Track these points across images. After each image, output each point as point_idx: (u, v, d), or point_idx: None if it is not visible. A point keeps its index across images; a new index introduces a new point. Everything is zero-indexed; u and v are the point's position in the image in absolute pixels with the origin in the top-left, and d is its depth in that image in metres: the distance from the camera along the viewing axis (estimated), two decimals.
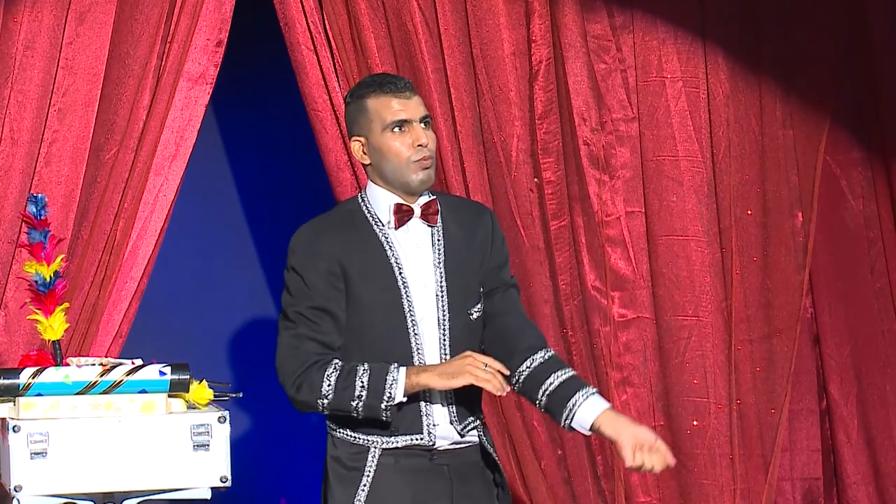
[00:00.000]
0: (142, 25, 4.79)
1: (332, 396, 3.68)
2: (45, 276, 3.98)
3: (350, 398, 3.67)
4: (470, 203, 4.20)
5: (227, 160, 5.68)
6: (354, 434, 3.76)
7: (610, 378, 5.12)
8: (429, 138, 3.79)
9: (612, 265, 5.16)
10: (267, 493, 5.59)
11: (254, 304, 5.66)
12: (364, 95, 3.81)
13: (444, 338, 3.78)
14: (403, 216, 3.79)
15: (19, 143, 4.70)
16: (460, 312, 3.81)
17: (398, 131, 3.77)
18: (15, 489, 3.74)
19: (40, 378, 3.84)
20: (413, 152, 3.76)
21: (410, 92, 3.82)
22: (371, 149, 3.80)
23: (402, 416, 3.73)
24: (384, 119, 3.77)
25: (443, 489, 3.77)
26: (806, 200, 5.28)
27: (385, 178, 3.81)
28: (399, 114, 3.77)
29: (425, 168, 3.77)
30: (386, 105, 3.78)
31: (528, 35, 5.08)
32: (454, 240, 3.83)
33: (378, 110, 3.78)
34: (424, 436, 3.74)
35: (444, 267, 3.79)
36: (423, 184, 3.79)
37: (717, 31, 5.22)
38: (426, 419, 3.75)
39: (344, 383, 3.67)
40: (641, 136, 5.19)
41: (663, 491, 5.18)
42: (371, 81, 3.87)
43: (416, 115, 3.79)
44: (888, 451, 5.35)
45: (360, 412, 3.68)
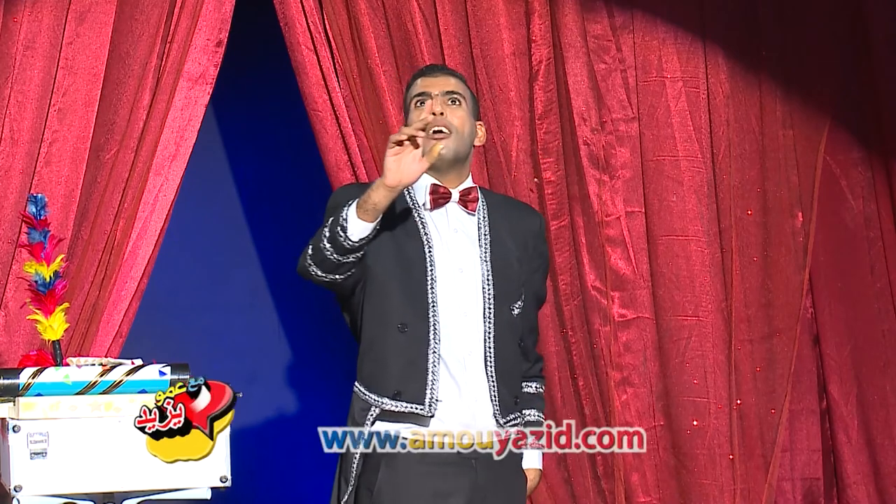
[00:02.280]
0: (142, 25, 4.79)
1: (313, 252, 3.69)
2: (45, 276, 3.98)
3: (319, 241, 3.67)
4: (520, 203, 4.25)
5: (227, 160, 5.68)
6: (362, 389, 3.78)
7: (610, 378, 5.12)
8: (451, 112, 3.81)
9: (612, 265, 5.16)
10: (267, 493, 5.60)
11: (254, 304, 5.67)
12: (408, 86, 3.94)
13: (490, 329, 3.80)
14: (440, 198, 3.82)
15: (19, 143, 4.70)
16: (503, 307, 3.83)
17: (419, 105, 3.85)
18: (15, 489, 3.74)
19: (40, 378, 3.84)
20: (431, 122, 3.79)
21: (444, 73, 3.92)
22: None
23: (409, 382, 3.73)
24: (410, 97, 3.89)
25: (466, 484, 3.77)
26: (806, 200, 5.28)
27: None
28: (419, 89, 3.87)
29: (436, 139, 3.77)
30: (414, 85, 3.90)
31: (528, 35, 5.08)
32: (500, 234, 3.85)
33: (409, 93, 3.90)
34: (425, 407, 3.74)
35: (491, 260, 3.81)
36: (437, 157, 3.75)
37: (717, 31, 5.22)
38: (430, 392, 3.75)
39: (317, 235, 3.69)
40: (641, 136, 5.19)
41: (663, 491, 5.18)
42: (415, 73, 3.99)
43: (437, 89, 3.85)
44: (888, 451, 5.35)
45: (331, 251, 3.65)
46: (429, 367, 3.75)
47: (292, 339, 5.67)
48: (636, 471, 5.15)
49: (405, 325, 3.76)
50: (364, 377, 3.80)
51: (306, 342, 5.66)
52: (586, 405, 5.10)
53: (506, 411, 3.81)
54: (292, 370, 5.66)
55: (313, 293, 5.63)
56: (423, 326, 3.76)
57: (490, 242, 3.84)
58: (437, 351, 3.75)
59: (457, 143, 3.82)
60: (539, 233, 3.96)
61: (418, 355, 3.75)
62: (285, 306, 5.70)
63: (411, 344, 3.75)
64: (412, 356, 3.75)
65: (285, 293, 5.71)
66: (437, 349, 3.75)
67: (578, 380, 5.10)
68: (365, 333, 3.81)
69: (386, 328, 3.77)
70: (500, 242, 3.85)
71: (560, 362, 5.09)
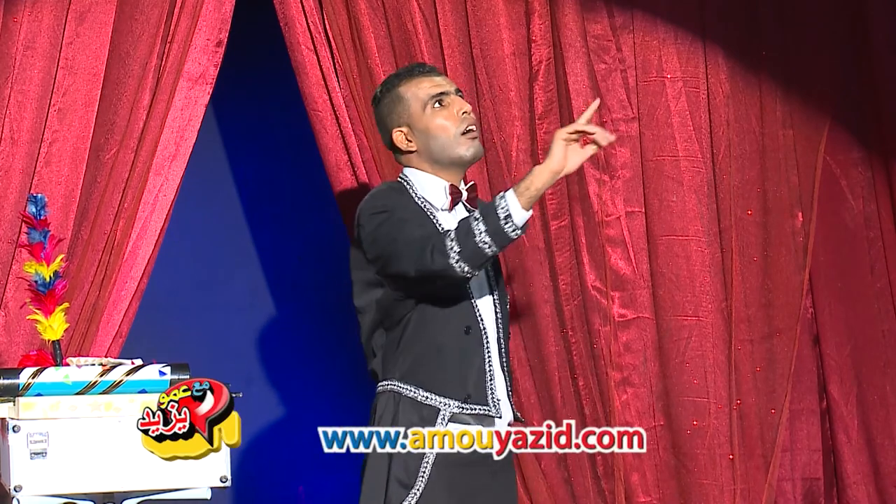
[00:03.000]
0: (142, 25, 4.78)
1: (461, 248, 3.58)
2: (44, 276, 3.98)
3: (470, 238, 3.57)
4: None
5: (227, 160, 5.68)
6: (424, 394, 3.76)
7: (610, 378, 5.12)
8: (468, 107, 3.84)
9: (612, 265, 5.16)
10: (267, 493, 5.59)
11: (254, 304, 5.66)
12: (395, 86, 3.88)
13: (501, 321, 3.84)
14: (456, 198, 3.82)
15: (19, 143, 4.69)
16: (504, 299, 3.89)
17: (439, 106, 3.82)
18: (15, 489, 3.74)
19: (40, 378, 3.84)
20: (458, 124, 3.80)
21: (436, 73, 3.90)
22: (417, 133, 3.84)
23: (476, 387, 3.75)
24: (422, 98, 3.83)
25: (487, 483, 3.79)
26: (806, 200, 5.28)
27: (433, 159, 3.84)
28: (435, 88, 3.84)
29: (473, 139, 3.80)
30: (419, 85, 3.85)
31: (528, 35, 5.08)
32: None
33: (414, 92, 3.84)
34: (491, 407, 3.77)
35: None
36: (474, 157, 3.83)
37: (717, 31, 5.22)
38: (490, 392, 3.78)
39: (464, 231, 3.59)
40: (641, 136, 5.19)
41: (663, 491, 5.18)
42: (397, 73, 3.95)
43: (450, 88, 3.85)
44: (888, 451, 5.35)
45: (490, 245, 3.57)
46: (484, 367, 3.78)
47: (292, 339, 5.67)
48: (636, 471, 5.15)
49: (470, 327, 3.77)
50: (424, 381, 3.76)
51: (306, 342, 5.66)
52: (586, 405, 5.09)
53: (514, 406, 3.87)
54: (292, 370, 5.66)
55: (313, 293, 5.64)
56: (476, 328, 3.78)
57: None
58: (490, 352, 3.77)
59: (480, 139, 3.87)
60: None
61: (480, 357, 3.78)
62: (285, 306, 5.70)
63: (476, 346, 3.77)
64: (478, 359, 3.78)
65: (285, 293, 5.70)
66: (489, 349, 3.78)
67: (578, 380, 5.10)
68: (425, 336, 3.78)
69: (451, 331, 3.77)
70: None
71: (560, 362, 5.09)
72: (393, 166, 4.88)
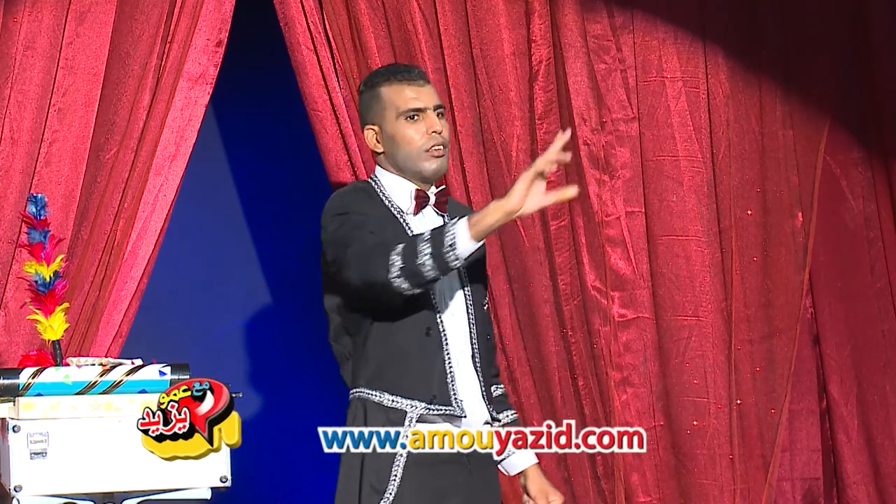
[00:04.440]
0: (142, 25, 4.79)
1: (403, 265, 3.58)
2: (44, 276, 3.98)
3: (414, 258, 3.57)
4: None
5: (227, 160, 5.68)
6: (389, 397, 3.77)
7: (610, 378, 5.12)
8: (443, 126, 3.81)
9: (612, 265, 5.16)
10: (267, 493, 5.60)
11: (254, 304, 5.67)
12: (377, 84, 3.86)
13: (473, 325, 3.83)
14: (421, 202, 3.81)
15: (19, 143, 4.70)
16: (478, 303, 3.87)
17: (412, 119, 3.80)
18: (15, 489, 3.74)
19: (40, 378, 3.84)
20: (426, 140, 3.80)
21: (423, 80, 3.86)
22: (385, 137, 3.84)
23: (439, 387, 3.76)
24: (398, 107, 3.81)
25: (461, 482, 3.78)
26: (806, 200, 5.28)
27: (398, 166, 3.85)
28: (413, 101, 3.81)
29: (437, 157, 3.81)
30: (399, 93, 3.82)
31: (528, 35, 5.08)
32: None
33: (392, 98, 3.82)
34: (454, 407, 3.77)
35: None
36: (435, 173, 3.83)
37: (717, 31, 5.22)
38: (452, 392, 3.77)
39: (410, 250, 3.59)
40: (641, 136, 5.19)
41: (663, 491, 5.18)
42: (384, 70, 3.92)
43: (429, 103, 3.83)
44: (888, 451, 5.35)
45: (431, 269, 3.57)
46: (446, 368, 3.78)
47: (292, 339, 5.67)
48: (636, 471, 5.15)
49: (430, 328, 3.77)
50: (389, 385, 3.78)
51: (306, 342, 5.65)
52: (586, 405, 5.10)
53: (491, 406, 3.84)
54: (292, 370, 5.66)
55: (313, 293, 5.63)
56: (437, 330, 3.78)
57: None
58: (450, 352, 3.77)
59: (447, 157, 3.85)
60: None
61: (440, 358, 3.77)
62: (285, 306, 5.70)
63: (436, 348, 3.77)
64: (439, 360, 3.77)
65: (285, 293, 5.71)
66: (449, 350, 3.77)
67: (578, 380, 5.10)
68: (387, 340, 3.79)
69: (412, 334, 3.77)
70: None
71: (560, 362, 5.09)
72: None
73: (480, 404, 3.84)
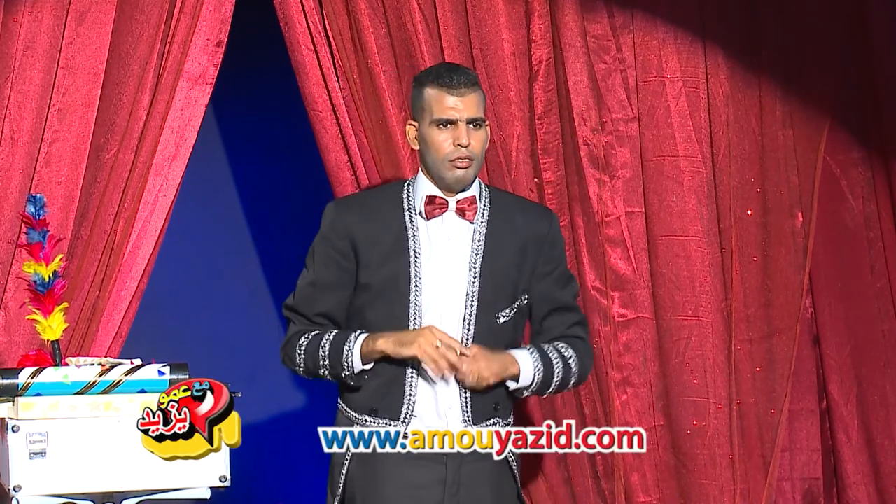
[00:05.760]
0: (142, 25, 4.79)
1: (305, 366, 3.86)
2: (43, 276, 3.98)
3: (318, 367, 3.82)
4: (533, 205, 4.25)
5: (227, 160, 5.68)
6: (345, 407, 3.88)
7: (610, 378, 5.12)
8: (475, 139, 3.84)
9: (612, 265, 5.16)
10: (266, 493, 5.60)
11: (254, 304, 5.66)
12: (424, 83, 3.91)
13: (468, 337, 3.80)
14: (436, 208, 3.84)
15: (19, 143, 4.70)
16: (488, 315, 3.83)
17: (444, 127, 3.84)
18: (14, 489, 3.75)
19: (39, 378, 3.84)
20: (452, 150, 3.83)
21: (468, 88, 3.88)
22: (420, 136, 3.89)
23: (385, 399, 3.77)
24: (433, 112, 3.86)
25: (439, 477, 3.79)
26: (806, 200, 5.27)
27: (426, 168, 3.90)
28: (448, 112, 3.85)
29: (461, 168, 3.84)
30: (439, 99, 3.86)
31: (528, 35, 5.08)
32: (497, 240, 3.85)
33: (431, 102, 3.87)
34: (398, 424, 3.77)
35: (480, 267, 3.81)
36: (457, 182, 3.85)
37: (717, 31, 5.22)
38: (406, 408, 3.78)
39: (312, 354, 3.82)
40: (641, 136, 5.19)
41: (663, 491, 5.18)
42: (434, 70, 3.96)
43: (465, 116, 3.84)
44: (888, 451, 5.34)
45: (326, 367, 3.82)
46: (406, 382, 3.79)
47: None
48: (636, 471, 5.15)
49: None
50: (344, 394, 3.90)
51: None
52: (586, 405, 5.09)
53: (478, 418, 3.83)
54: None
55: None
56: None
57: (483, 249, 3.84)
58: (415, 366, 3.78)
59: (476, 169, 3.88)
60: (548, 237, 3.96)
61: (399, 372, 3.78)
62: None
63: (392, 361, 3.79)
64: (393, 373, 3.79)
65: (285, 293, 5.69)
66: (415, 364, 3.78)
67: None
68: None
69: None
70: (496, 249, 3.85)
71: None
72: (392, 166, 4.89)
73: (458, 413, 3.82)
